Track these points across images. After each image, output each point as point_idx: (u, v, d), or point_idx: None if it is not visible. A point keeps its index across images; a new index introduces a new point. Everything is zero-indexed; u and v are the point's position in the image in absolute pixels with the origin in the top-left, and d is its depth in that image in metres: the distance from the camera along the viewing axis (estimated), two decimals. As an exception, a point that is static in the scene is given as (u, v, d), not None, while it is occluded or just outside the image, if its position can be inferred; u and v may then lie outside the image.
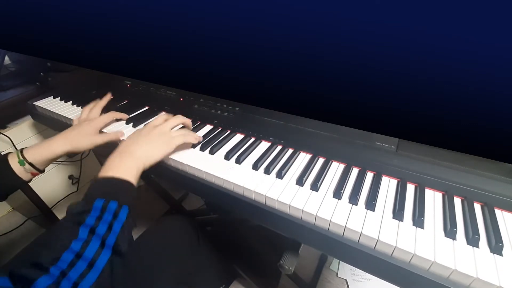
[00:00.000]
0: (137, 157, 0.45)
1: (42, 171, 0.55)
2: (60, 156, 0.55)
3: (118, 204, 0.38)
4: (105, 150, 0.61)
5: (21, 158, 0.51)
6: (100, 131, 0.60)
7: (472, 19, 0.22)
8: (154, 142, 0.49)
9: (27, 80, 0.91)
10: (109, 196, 0.38)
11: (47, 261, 0.31)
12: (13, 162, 0.51)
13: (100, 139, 0.57)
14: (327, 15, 0.27)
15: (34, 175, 0.54)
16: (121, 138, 0.60)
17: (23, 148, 0.53)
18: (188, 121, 0.58)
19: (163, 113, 0.56)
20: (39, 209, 0.94)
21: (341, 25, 0.27)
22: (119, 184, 0.41)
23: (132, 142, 0.48)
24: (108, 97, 0.69)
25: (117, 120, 0.66)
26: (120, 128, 0.63)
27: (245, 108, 0.64)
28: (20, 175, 0.51)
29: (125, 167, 0.43)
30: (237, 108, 0.64)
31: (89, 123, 0.58)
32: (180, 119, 0.56)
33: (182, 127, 0.58)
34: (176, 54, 0.39)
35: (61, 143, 0.54)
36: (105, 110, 0.66)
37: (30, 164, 0.51)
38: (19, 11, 0.49)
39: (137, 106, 0.72)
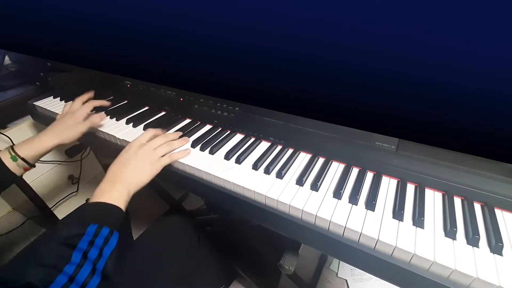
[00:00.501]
0: (127, 184, 0.46)
1: (34, 165, 0.57)
2: (51, 150, 0.57)
3: (110, 230, 0.39)
4: (105, 150, 0.61)
5: (13, 154, 0.53)
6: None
7: (472, 19, 0.22)
8: (141, 166, 0.49)
9: (27, 80, 0.90)
10: (102, 222, 0.39)
11: (42, 283, 0.32)
12: (6, 158, 0.52)
13: (83, 127, 0.60)
14: (327, 15, 0.27)
15: (26, 170, 0.56)
16: (103, 121, 0.63)
17: (14, 145, 0.55)
18: (175, 136, 0.58)
19: (150, 129, 0.57)
20: (39, 209, 0.94)
21: (341, 25, 0.27)
22: (111, 210, 0.42)
23: (122, 167, 0.48)
24: (90, 94, 0.69)
25: (101, 109, 0.68)
26: (120, 127, 0.63)
27: (245, 108, 0.64)
28: (13, 171, 0.53)
29: (117, 193, 0.44)
30: (237, 108, 0.64)
31: (72, 115, 0.61)
32: (166, 137, 0.56)
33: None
34: (176, 54, 0.39)
35: (50, 138, 0.57)
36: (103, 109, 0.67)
37: (23, 159, 0.53)
38: (19, 11, 0.49)
39: (137, 106, 0.72)
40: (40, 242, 0.38)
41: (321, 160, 0.52)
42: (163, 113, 0.69)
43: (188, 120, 0.66)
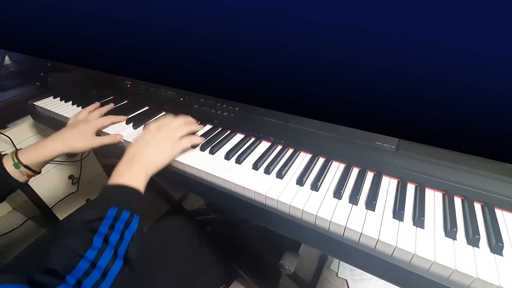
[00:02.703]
0: (145, 164, 0.45)
1: (39, 172, 0.54)
2: (57, 157, 0.54)
3: (131, 213, 0.38)
4: (106, 150, 0.61)
5: (16, 160, 0.50)
6: (97, 134, 0.60)
7: (472, 19, 0.22)
8: (161, 146, 0.48)
9: (27, 80, 0.90)
10: (122, 205, 0.38)
11: (63, 269, 0.31)
12: (8, 165, 0.50)
13: (97, 142, 0.57)
14: (327, 15, 0.27)
15: (30, 176, 0.53)
16: (120, 140, 0.60)
17: (18, 150, 0.52)
18: (192, 120, 0.57)
19: (164, 113, 0.56)
20: (39, 209, 0.94)
21: (341, 25, 0.27)
22: (131, 192, 0.41)
23: (141, 147, 0.47)
24: (110, 106, 0.69)
25: (106, 114, 0.66)
26: (120, 128, 0.63)
27: (245, 108, 0.63)
28: (15, 177, 0.50)
29: (135, 174, 0.43)
30: (237, 108, 0.64)
31: (86, 124, 0.57)
32: (185, 119, 0.55)
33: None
34: (176, 54, 0.39)
35: (58, 144, 0.53)
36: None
37: (26, 166, 0.51)
38: (19, 11, 0.49)
39: (137, 106, 0.72)
40: (61, 228, 0.37)
41: (321, 160, 0.52)
42: (163, 113, 0.69)
43: (188, 120, 0.66)
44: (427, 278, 0.35)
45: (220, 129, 0.62)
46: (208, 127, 0.63)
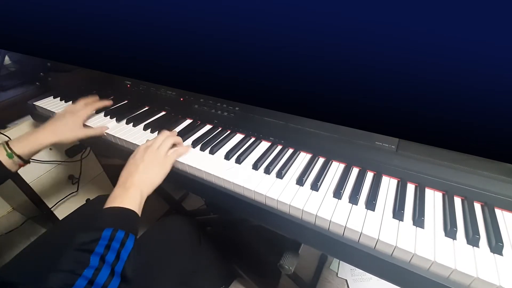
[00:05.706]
0: (139, 186, 0.46)
1: (28, 162, 0.57)
2: (46, 147, 0.57)
3: (125, 233, 0.39)
4: (105, 151, 0.61)
5: (9, 151, 0.52)
6: (85, 124, 0.64)
7: (472, 19, 0.22)
8: (150, 166, 0.49)
9: (27, 80, 0.90)
10: (117, 226, 0.39)
11: (62, 287, 0.32)
12: (1, 155, 0.52)
13: (83, 133, 0.61)
14: (327, 15, 0.27)
15: (21, 166, 0.55)
16: (104, 133, 0.62)
17: (9, 141, 0.54)
18: (172, 133, 0.59)
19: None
20: (39, 209, 0.94)
21: (341, 25, 0.27)
22: (125, 214, 0.42)
23: (131, 171, 0.48)
24: (94, 98, 0.70)
25: (107, 114, 0.68)
26: (120, 128, 0.63)
27: (245, 108, 0.64)
28: (8, 167, 0.53)
29: (129, 197, 0.44)
30: (237, 108, 0.64)
31: (72, 115, 0.61)
32: (164, 134, 0.56)
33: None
34: (176, 54, 0.39)
35: (48, 135, 0.57)
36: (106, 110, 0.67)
37: (18, 156, 0.53)
38: (19, 11, 0.49)
39: (137, 106, 0.72)
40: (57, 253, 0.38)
41: (321, 160, 0.52)
42: (163, 113, 0.69)
43: (188, 120, 0.66)
44: (427, 278, 0.35)
45: (220, 129, 0.62)
46: (208, 127, 0.63)
